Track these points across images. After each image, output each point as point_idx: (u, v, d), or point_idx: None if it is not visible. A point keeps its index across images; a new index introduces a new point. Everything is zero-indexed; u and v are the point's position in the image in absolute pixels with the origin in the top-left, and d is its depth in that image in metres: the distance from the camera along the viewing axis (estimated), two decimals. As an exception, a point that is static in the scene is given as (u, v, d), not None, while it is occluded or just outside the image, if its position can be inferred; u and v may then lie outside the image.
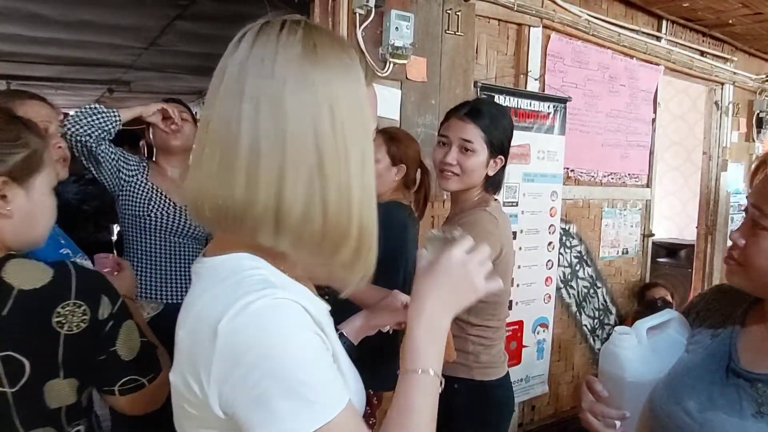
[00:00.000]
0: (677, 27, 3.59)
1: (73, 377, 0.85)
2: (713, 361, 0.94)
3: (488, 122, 1.47)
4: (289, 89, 0.59)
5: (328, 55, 0.62)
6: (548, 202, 2.91)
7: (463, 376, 1.48)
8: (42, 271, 0.84)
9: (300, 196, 0.59)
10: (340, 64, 0.63)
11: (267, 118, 0.59)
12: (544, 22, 2.84)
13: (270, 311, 0.57)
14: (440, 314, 0.70)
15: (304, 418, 0.55)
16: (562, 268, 3.16)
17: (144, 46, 4.24)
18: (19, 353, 0.80)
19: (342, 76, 0.62)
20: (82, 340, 0.83)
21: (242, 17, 2.82)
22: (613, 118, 3.31)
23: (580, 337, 3.35)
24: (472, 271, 0.72)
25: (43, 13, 3.36)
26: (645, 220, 3.65)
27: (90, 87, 6.17)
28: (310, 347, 0.58)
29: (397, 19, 2.18)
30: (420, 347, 0.68)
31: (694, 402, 0.90)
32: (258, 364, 0.55)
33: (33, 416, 0.82)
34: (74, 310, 0.83)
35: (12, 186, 0.85)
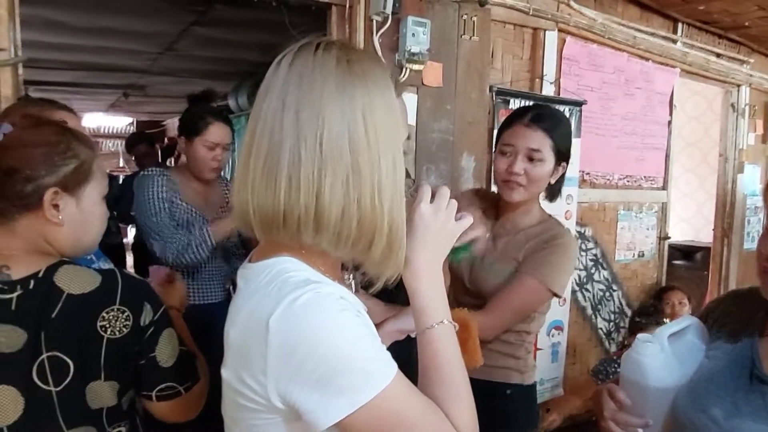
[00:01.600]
0: (693, 29, 3.57)
1: (113, 380, 0.88)
2: (736, 367, 0.94)
3: (555, 128, 1.39)
4: (326, 99, 0.64)
5: (360, 68, 0.67)
6: (563, 205, 2.91)
7: (516, 382, 1.47)
8: (91, 277, 0.87)
9: (337, 196, 0.64)
10: (373, 76, 0.68)
11: (306, 127, 0.64)
12: (560, 25, 2.84)
13: (315, 303, 0.62)
14: (433, 268, 0.75)
15: (364, 388, 0.61)
16: (577, 271, 3.15)
17: (160, 51, 4.28)
18: (65, 354, 0.83)
19: (373, 86, 0.67)
20: (124, 344, 0.87)
21: (258, 23, 2.85)
22: (629, 121, 3.29)
23: (595, 341, 3.34)
24: (443, 218, 0.76)
25: (61, 20, 3.41)
26: (661, 223, 3.63)
27: (106, 91, 6.24)
28: (354, 326, 0.63)
29: (413, 26, 2.20)
30: (429, 304, 0.73)
31: (720, 409, 0.90)
32: (310, 353, 0.60)
33: (75, 415, 0.85)
34: (118, 315, 0.86)
35: (63, 196, 0.89)
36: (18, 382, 0.82)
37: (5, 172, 0.84)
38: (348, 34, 2.23)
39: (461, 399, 0.69)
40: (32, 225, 0.87)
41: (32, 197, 0.86)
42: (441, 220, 0.75)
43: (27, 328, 0.82)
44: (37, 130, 0.89)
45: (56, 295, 0.84)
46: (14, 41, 1.76)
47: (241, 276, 0.72)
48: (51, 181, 0.87)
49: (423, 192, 0.76)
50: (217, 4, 3.06)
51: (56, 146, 0.88)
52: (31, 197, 0.85)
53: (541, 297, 1.37)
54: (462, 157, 2.48)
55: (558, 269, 1.35)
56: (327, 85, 0.64)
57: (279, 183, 0.64)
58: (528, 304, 1.38)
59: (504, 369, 1.46)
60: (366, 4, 2.19)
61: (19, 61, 1.78)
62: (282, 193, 0.64)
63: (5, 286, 0.82)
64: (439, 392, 0.69)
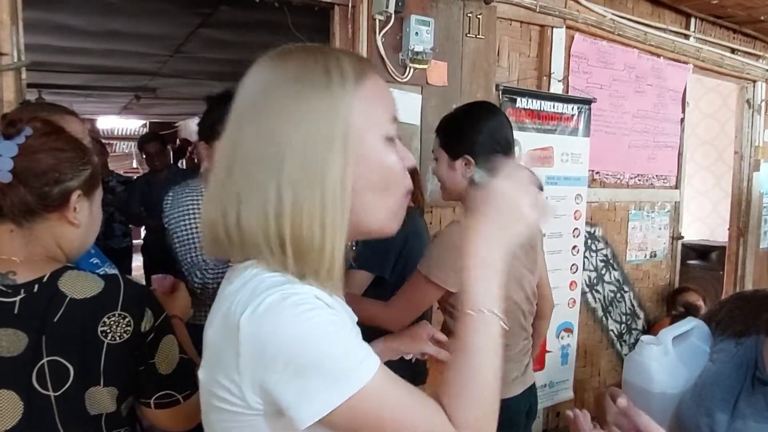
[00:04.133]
0: (706, 24, 3.50)
1: (112, 386, 0.87)
2: (740, 370, 0.93)
3: (443, 129, 1.48)
4: (241, 107, 0.66)
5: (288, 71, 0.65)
6: (572, 205, 2.86)
7: None
8: (94, 282, 0.88)
9: (254, 212, 0.63)
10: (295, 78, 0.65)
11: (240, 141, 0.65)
12: (568, 22, 2.79)
13: (283, 303, 0.60)
14: (491, 251, 0.69)
15: (338, 388, 0.58)
16: (587, 272, 3.10)
17: (169, 53, 4.32)
18: (66, 359, 0.83)
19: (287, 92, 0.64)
20: (124, 350, 0.87)
21: (263, 24, 2.84)
22: (640, 119, 3.23)
23: (606, 343, 3.29)
24: (516, 198, 0.69)
25: (72, 24, 3.45)
26: (674, 222, 3.56)
27: (118, 94, 6.32)
28: (328, 323, 0.60)
29: (416, 24, 2.18)
30: (474, 288, 0.67)
31: (725, 414, 0.89)
32: (281, 350, 0.58)
33: (74, 421, 0.85)
34: (119, 320, 0.86)
35: (82, 199, 0.92)
36: (18, 387, 0.82)
37: (36, 174, 0.85)
38: (351, 33, 2.22)
39: (475, 394, 0.63)
40: (50, 228, 0.89)
41: (58, 200, 0.88)
42: (512, 200, 0.69)
43: (28, 332, 0.82)
44: (61, 135, 0.91)
45: (59, 299, 0.84)
46: (17, 45, 1.77)
47: (227, 277, 0.71)
48: (75, 185, 0.90)
49: (506, 169, 0.72)
50: (222, 6, 3.07)
51: (78, 151, 0.92)
52: (58, 200, 0.88)
53: (425, 288, 1.39)
54: (468, 157, 2.46)
55: (436, 259, 1.37)
56: (256, 94, 0.66)
57: (218, 194, 0.66)
58: (414, 296, 1.42)
59: None
60: (369, 3, 2.17)
61: (22, 66, 1.78)
62: (219, 204, 0.66)
63: (9, 290, 0.83)
64: (455, 378, 0.64)
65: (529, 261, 1.54)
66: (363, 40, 2.19)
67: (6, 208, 0.84)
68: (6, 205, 0.84)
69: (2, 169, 0.82)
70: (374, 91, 0.67)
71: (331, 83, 0.64)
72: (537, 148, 2.68)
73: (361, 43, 2.20)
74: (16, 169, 0.83)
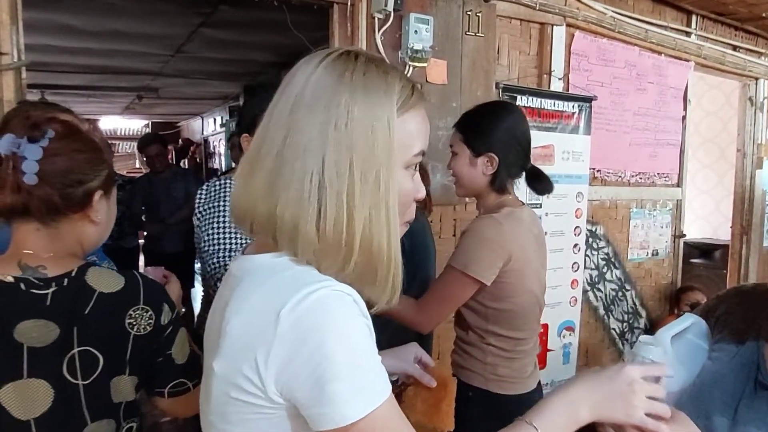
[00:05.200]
0: (708, 21, 3.48)
1: (134, 375, 0.92)
2: (741, 372, 0.91)
3: (465, 124, 1.49)
4: (297, 107, 0.66)
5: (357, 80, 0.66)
6: (573, 203, 2.86)
7: (477, 386, 1.46)
8: (116, 278, 0.93)
9: (291, 208, 0.64)
10: (364, 90, 0.66)
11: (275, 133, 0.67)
12: (568, 20, 2.79)
13: (332, 299, 0.60)
14: (582, 409, 0.73)
15: (357, 402, 0.59)
16: (588, 270, 3.09)
17: (171, 53, 4.32)
18: (96, 349, 0.88)
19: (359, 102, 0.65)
20: (147, 341, 0.92)
21: (263, 23, 2.82)
22: (641, 117, 3.22)
23: (608, 342, 3.28)
24: (636, 390, 0.73)
25: (74, 24, 3.46)
26: (676, 221, 3.55)
27: (120, 94, 6.33)
28: (365, 335, 0.61)
29: (416, 23, 2.17)
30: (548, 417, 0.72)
31: (725, 417, 0.88)
32: (320, 346, 0.58)
33: (99, 409, 0.89)
34: (143, 314, 0.91)
35: (102, 198, 0.96)
36: (49, 376, 0.85)
37: (60, 176, 0.88)
38: (350, 32, 2.22)
39: None
40: (73, 227, 0.93)
41: (82, 200, 0.92)
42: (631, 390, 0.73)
43: (60, 323, 0.86)
44: (80, 137, 0.94)
45: (88, 293, 0.89)
46: (17, 45, 1.78)
47: (239, 267, 0.72)
48: (96, 185, 0.93)
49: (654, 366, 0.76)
50: (222, 6, 3.07)
51: (97, 151, 0.95)
52: (81, 200, 0.91)
53: (462, 283, 1.39)
54: (468, 156, 2.45)
55: (471, 253, 1.38)
56: (306, 91, 0.66)
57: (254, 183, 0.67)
58: (450, 292, 1.42)
59: (465, 369, 1.49)
60: (368, 1, 2.17)
61: (22, 65, 1.79)
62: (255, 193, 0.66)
63: (41, 283, 0.87)
64: None
65: (542, 256, 1.56)
66: (362, 38, 2.19)
67: (33, 208, 0.87)
68: (33, 206, 0.87)
69: (29, 171, 0.85)
70: (416, 120, 0.70)
71: (391, 93, 0.67)
72: (538, 146, 2.67)
73: (360, 41, 2.19)
74: (42, 171, 0.86)
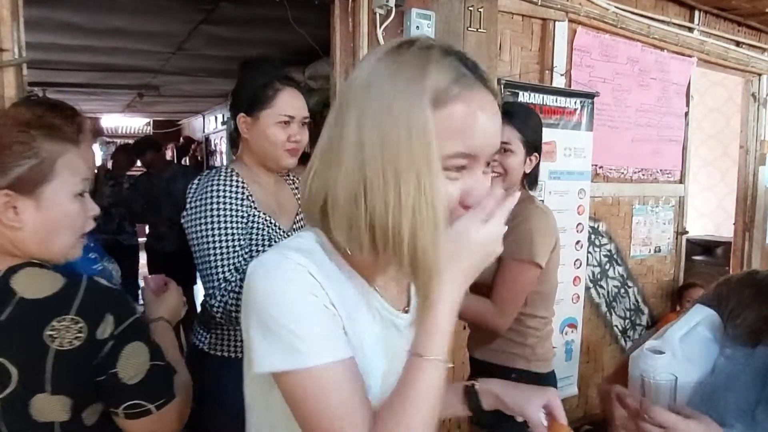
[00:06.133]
0: (710, 17, 3.46)
1: (63, 395, 0.81)
2: (757, 376, 0.87)
3: (521, 122, 1.54)
4: (354, 95, 0.67)
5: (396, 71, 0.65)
6: (575, 200, 2.85)
7: (521, 367, 1.55)
8: (52, 281, 0.83)
9: (341, 192, 0.66)
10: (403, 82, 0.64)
11: (334, 119, 0.69)
12: (570, 16, 2.77)
13: (274, 264, 0.67)
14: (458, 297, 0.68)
15: (273, 357, 0.64)
16: (591, 267, 3.08)
17: (172, 50, 4.32)
18: (9, 361, 0.79)
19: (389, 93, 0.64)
20: (76, 357, 0.80)
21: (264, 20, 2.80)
22: (644, 113, 3.21)
23: (610, 338, 3.27)
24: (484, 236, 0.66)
25: (75, 22, 3.45)
26: (678, 217, 3.54)
27: (121, 92, 6.33)
28: (301, 302, 0.65)
29: (417, 18, 2.16)
30: (437, 334, 0.66)
31: (741, 424, 0.85)
32: (255, 302, 0.66)
33: (20, 426, 0.81)
34: (70, 326, 0.80)
35: (19, 198, 0.84)
36: None
37: None
38: (351, 28, 2.21)
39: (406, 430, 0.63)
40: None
41: None
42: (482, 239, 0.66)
43: None
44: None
45: (8, 297, 0.80)
46: (18, 42, 1.77)
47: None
48: (2, 184, 0.83)
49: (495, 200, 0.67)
50: (222, 2, 3.06)
51: (8, 147, 0.84)
52: None
53: (532, 273, 1.48)
54: (469, 152, 2.44)
55: (533, 242, 1.46)
56: (354, 87, 0.67)
57: (311, 165, 0.70)
58: (520, 285, 1.48)
59: (508, 353, 1.56)
60: (369, -3, 2.16)
61: (23, 62, 1.78)
62: (311, 176, 0.70)
63: None
64: (394, 410, 0.64)
65: None
66: (363, 34, 2.18)
67: None
68: None
69: None
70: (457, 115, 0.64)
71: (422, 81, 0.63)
72: (539, 142, 2.67)
73: (361, 37, 2.19)
74: None
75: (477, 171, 0.67)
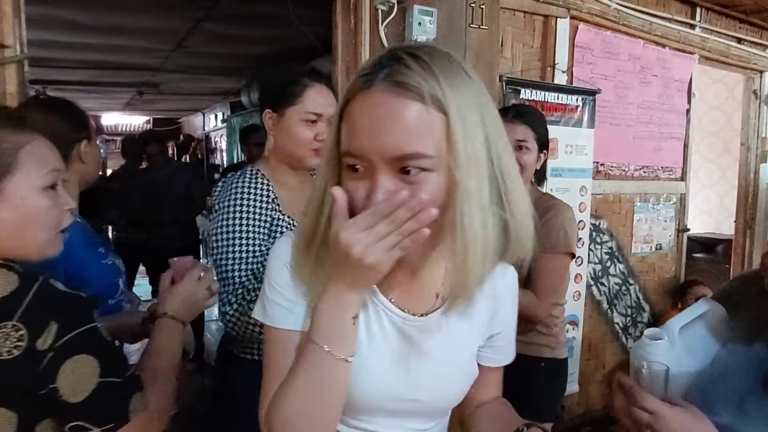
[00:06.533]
0: (712, 14, 3.46)
1: (6, 408, 0.75)
2: (752, 367, 0.89)
3: (533, 120, 1.63)
4: None
5: None
6: (577, 197, 2.84)
7: (547, 356, 1.67)
8: (5, 284, 0.77)
9: None
10: None
11: None
12: (572, 12, 2.77)
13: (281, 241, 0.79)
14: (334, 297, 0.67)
15: (258, 308, 0.79)
16: (592, 264, 3.08)
17: (172, 48, 4.31)
18: None
19: None
20: (17, 368, 0.73)
21: (265, 17, 2.82)
22: (645, 110, 3.21)
23: (611, 336, 3.27)
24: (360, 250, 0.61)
25: (75, 19, 3.45)
26: (679, 215, 3.53)
27: (121, 90, 6.32)
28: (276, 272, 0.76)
29: (419, 15, 2.16)
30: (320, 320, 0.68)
31: (728, 413, 0.86)
32: None
33: None
34: (10, 333, 0.73)
35: None
36: None
37: None
38: (353, 24, 2.20)
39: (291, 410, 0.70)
40: None
41: None
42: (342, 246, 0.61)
43: None
44: None
45: None
46: (19, 38, 1.77)
47: None
48: None
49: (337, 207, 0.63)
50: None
51: None
52: None
53: (563, 263, 1.59)
54: (471, 149, 2.44)
55: (567, 234, 1.57)
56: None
57: None
58: (559, 275, 1.61)
59: (537, 345, 1.67)
60: (371, -7, 2.16)
61: (24, 59, 1.78)
62: None
63: None
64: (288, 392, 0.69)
65: None
66: (365, 31, 2.17)
67: None
68: None
69: None
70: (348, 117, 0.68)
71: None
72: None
73: (363, 34, 2.18)
74: None
75: (375, 175, 0.63)
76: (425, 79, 0.62)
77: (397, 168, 0.62)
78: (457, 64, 0.66)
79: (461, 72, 0.65)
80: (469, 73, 0.67)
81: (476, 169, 0.63)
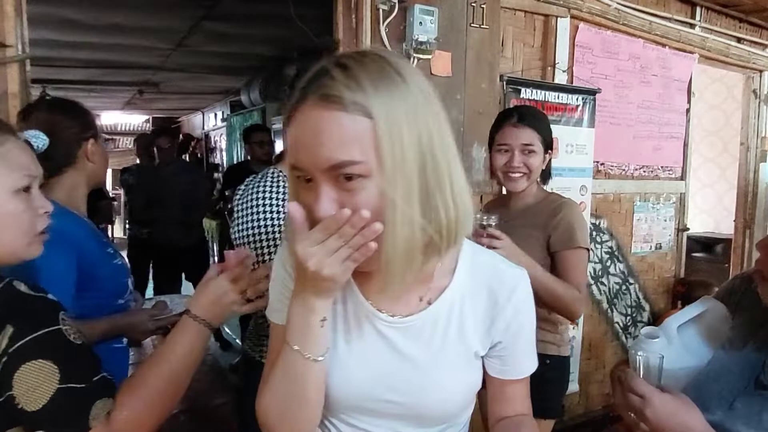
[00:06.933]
0: (712, 13, 3.46)
1: None
2: (747, 367, 0.89)
3: (538, 123, 1.65)
4: None
5: None
6: (577, 196, 2.85)
7: (553, 353, 1.67)
8: None
9: None
10: None
11: None
12: (572, 12, 2.77)
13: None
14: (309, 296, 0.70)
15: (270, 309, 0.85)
16: (592, 264, 3.09)
17: (172, 47, 4.31)
18: None
19: None
20: None
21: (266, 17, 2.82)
22: (645, 109, 3.21)
23: (611, 335, 3.28)
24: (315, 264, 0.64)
25: (75, 18, 3.44)
26: (679, 214, 3.54)
27: (121, 89, 6.32)
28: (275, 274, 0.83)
29: (420, 14, 2.16)
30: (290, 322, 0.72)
31: (720, 411, 0.87)
32: None
33: None
34: None
35: None
36: None
37: None
38: (354, 23, 2.20)
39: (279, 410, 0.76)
40: None
41: None
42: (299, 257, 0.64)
43: None
44: None
45: None
46: (21, 38, 1.77)
47: None
48: None
49: (294, 223, 0.64)
50: (224, -2, 3.06)
51: None
52: None
53: (583, 257, 1.61)
54: (473, 148, 2.44)
55: (584, 229, 1.62)
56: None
57: None
58: (581, 271, 1.62)
59: (543, 342, 1.65)
60: (372, -7, 2.16)
61: (26, 58, 1.78)
62: None
63: None
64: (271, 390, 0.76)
65: None
66: (366, 30, 2.18)
67: None
68: None
69: None
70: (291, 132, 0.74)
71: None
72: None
73: (364, 33, 2.18)
74: None
75: (317, 187, 0.65)
76: (348, 87, 0.63)
77: (335, 177, 0.64)
78: (389, 68, 0.66)
79: (392, 75, 0.66)
80: (403, 74, 0.66)
81: (402, 170, 0.64)
